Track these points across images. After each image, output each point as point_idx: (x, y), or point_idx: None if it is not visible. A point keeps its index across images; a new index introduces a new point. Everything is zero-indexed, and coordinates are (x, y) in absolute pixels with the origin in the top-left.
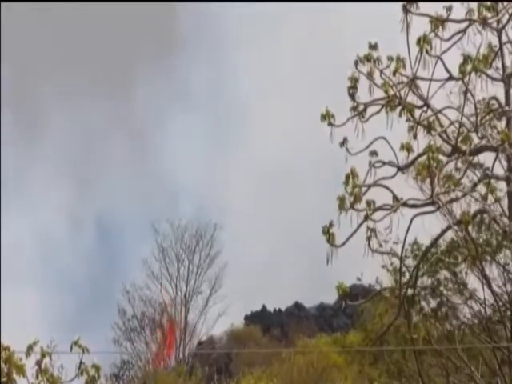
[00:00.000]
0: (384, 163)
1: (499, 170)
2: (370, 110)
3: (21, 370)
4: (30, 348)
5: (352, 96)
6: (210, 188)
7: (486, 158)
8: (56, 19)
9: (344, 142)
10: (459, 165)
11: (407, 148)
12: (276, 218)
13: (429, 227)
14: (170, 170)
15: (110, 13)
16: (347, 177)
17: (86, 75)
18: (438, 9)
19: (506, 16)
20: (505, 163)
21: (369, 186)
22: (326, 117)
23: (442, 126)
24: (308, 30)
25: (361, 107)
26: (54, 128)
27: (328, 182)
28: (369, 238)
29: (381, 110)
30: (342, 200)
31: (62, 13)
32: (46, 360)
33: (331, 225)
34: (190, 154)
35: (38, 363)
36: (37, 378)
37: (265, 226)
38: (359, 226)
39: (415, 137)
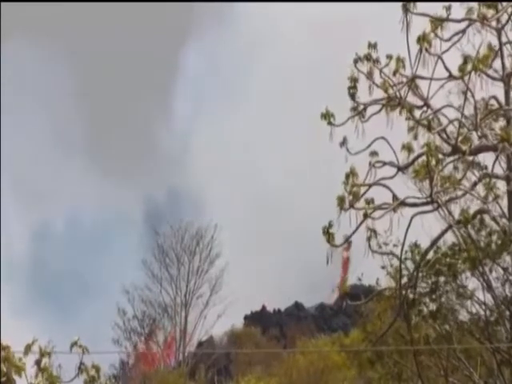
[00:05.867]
0: (384, 163)
1: (498, 170)
2: (370, 110)
3: (19, 370)
4: (28, 347)
5: (352, 96)
6: (210, 188)
7: (486, 158)
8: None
9: (344, 142)
10: (459, 165)
11: (408, 148)
12: (276, 218)
13: (429, 229)
14: (171, 170)
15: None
16: (347, 176)
17: None
18: (438, 9)
19: (506, 15)
20: (504, 163)
21: (369, 186)
22: (326, 116)
23: (441, 125)
24: (308, 30)
25: (361, 107)
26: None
27: (329, 182)
28: (369, 239)
29: (381, 109)
30: (341, 199)
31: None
32: (46, 360)
33: (331, 225)
34: (191, 154)
35: (38, 363)
36: (36, 377)
37: (264, 227)
38: (359, 224)
39: (416, 137)
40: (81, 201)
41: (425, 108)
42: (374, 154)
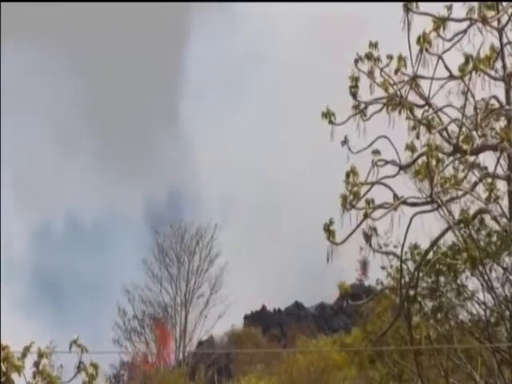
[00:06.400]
0: (386, 162)
1: (498, 170)
2: (371, 108)
3: (18, 369)
4: (26, 350)
5: (353, 94)
6: (210, 188)
7: (486, 158)
8: None
9: (345, 141)
10: (460, 165)
11: (411, 148)
12: (276, 218)
13: (429, 229)
14: (171, 170)
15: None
16: (347, 174)
17: None
18: (439, 9)
19: (506, 16)
20: (504, 162)
21: (372, 184)
22: (327, 115)
23: (443, 124)
24: (308, 30)
25: (362, 105)
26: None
27: (329, 182)
28: (370, 238)
29: (382, 108)
30: (344, 198)
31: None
32: (44, 361)
33: (331, 222)
34: (191, 154)
35: (36, 364)
36: (34, 378)
37: (265, 226)
38: (359, 224)
39: (418, 136)
40: (81, 201)
41: (426, 107)
42: (376, 152)
